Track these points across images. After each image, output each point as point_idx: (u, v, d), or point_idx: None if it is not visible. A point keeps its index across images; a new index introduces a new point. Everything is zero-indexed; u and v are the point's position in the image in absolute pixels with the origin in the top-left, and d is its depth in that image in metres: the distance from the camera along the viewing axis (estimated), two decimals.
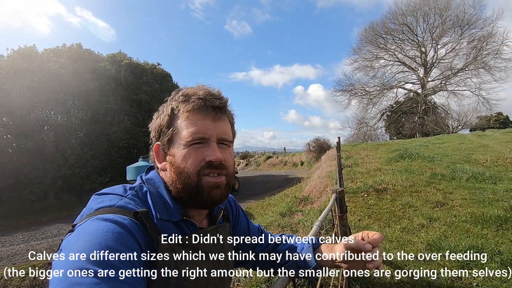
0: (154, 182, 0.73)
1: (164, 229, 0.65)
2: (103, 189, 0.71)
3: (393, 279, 2.90)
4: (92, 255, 0.47)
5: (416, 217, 4.41)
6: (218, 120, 0.72)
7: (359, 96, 35.22)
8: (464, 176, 6.09)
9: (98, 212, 0.59)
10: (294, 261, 0.90)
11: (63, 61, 15.24)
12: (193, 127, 0.68)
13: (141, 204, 0.66)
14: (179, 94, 0.73)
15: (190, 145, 0.68)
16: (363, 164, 9.12)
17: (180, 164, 0.68)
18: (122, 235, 0.53)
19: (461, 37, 29.04)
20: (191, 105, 0.69)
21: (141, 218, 0.60)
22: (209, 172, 0.68)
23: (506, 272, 2.63)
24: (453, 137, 14.47)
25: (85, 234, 0.52)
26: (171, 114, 0.72)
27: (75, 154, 14.63)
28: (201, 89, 0.73)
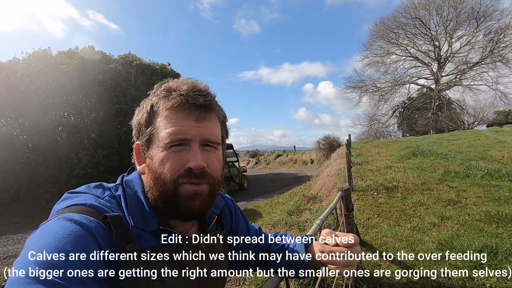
0: (133, 184, 0.66)
1: (139, 237, 0.58)
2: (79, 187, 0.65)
3: (402, 279, 2.81)
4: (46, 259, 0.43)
5: (428, 216, 4.28)
6: (203, 120, 0.63)
7: (370, 93, 34.62)
8: (479, 174, 5.88)
9: (69, 210, 0.54)
10: (287, 260, 0.85)
11: (76, 63, 15.61)
12: (172, 127, 0.60)
13: (117, 207, 0.60)
14: (161, 89, 0.65)
15: (169, 148, 0.60)
16: (373, 161, 8.95)
17: (157, 168, 0.60)
18: (84, 239, 0.48)
19: (476, 30, 28.03)
20: (171, 102, 0.61)
21: (109, 223, 0.53)
22: (187, 182, 0.60)
23: None
24: (469, 133, 14.02)
25: (46, 234, 0.48)
26: (150, 111, 0.64)
27: (88, 154, 14.97)
28: (184, 84, 0.64)
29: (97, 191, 0.63)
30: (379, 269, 3.07)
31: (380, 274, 2.94)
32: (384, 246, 3.55)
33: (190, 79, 0.67)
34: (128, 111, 17.15)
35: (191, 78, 0.68)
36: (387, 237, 3.84)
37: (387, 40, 32.76)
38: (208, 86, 0.67)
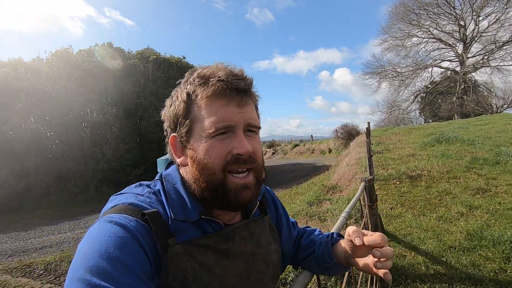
0: (172, 178, 0.66)
1: (180, 230, 0.58)
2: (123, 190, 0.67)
3: (428, 270, 2.76)
4: (92, 264, 0.45)
5: (454, 205, 4.14)
6: (244, 105, 0.61)
7: (389, 78, 33.38)
8: (510, 160, 5.58)
9: (111, 211, 0.56)
10: (313, 257, 0.84)
11: (96, 61, 16.08)
12: (215, 115, 0.58)
13: (156, 202, 0.60)
14: (194, 76, 0.62)
15: (213, 137, 0.59)
16: (395, 149, 8.70)
17: (203, 159, 0.59)
18: (125, 240, 0.49)
19: (507, 6, 26.06)
20: (211, 89, 0.59)
21: (147, 220, 0.53)
22: (236, 168, 0.59)
23: None
24: (497, 118, 13.28)
25: (89, 238, 0.50)
26: (187, 100, 0.61)
27: (111, 149, 15.54)
28: (220, 69, 0.61)
29: (137, 190, 0.64)
30: (404, 260, 3.03)
31: (406, 265, 2.90)
32: (408, 237, 3.48)
33: (223, 64, 0.65)
34: (147, 106, 17.57)
35: (223, 63, 0.65)
36: (412, 227, 3.76)
37: (408, 22, 31.22)
38: (243, 69, 0.65)
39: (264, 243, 0.71)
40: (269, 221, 0.78)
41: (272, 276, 0.73)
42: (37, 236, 7.76)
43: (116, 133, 16.03)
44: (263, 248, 0.70)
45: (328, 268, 0.81)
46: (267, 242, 0.73)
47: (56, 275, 4.92)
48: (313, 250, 0.85)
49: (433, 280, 2.61)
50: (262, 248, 0.70)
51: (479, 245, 3.02)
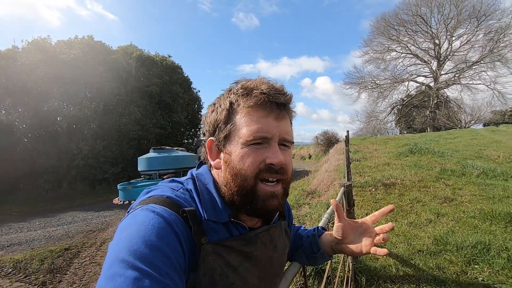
0: (204, 178, 0.69)
1: (210, 230, 0.61)
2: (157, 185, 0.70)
3: (398, 272, 2.96)
4: (136, 248, 0.47)
5: (424, 212, 4.42)
6: (282, 119, 0.65)
7: (369, 89, 34.70)
8: (475, 172, 6.03)
9: (150, 200, 0.59)
10: (301, 249, 0.93)
11: (75, 53, 15.50)
12: (254, 125, 0.62)
13: (190, 200, 0.63)
14: (238, 86, 0.67)
15: (249, 145, 0.62)
16: (371, 158, 9.08)
17: (237, 164, 0.62)
18: (167, 232, 0.52)
19: (477, 29, 28.02)
20: (254, 100, 0.62)
21: (187, 217, 0.57)
22: (267, 177, 0.63)
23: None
24: (465, 132, 14.20)
25: (133, 223, 0.53)
26: (230, 108, 0.65)
27: (88, 145, 15.00)
28: (263, 83, 0.66)
29: (171, 185, 0.67)
30: (377, 262, 3.22)
31: (378, 266, 3.09)
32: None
33: (265, 79, 0.69)
34: (129, 102, 17.13)
35: (265, 78, 0.70)
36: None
37: (388, 36, 32.71)
38: (284, 86, 0.69)
39: (280, 247, 0.77)
40: (285, 226, 0.83)
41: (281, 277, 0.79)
42: (4, 233, 7.37)
43: (94, 129, 15.50)
44: (279, 252, 0.76)
45: (315, 258, 0.91)
46: (282, 246, 0.79)
47: (27, 273, 4.73)
48: (301, 243, 0.94)
49: (402, 281, 2.79)
50: (278, 252, 0.75)
51: (444, 250, 3.26)
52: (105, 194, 13.61)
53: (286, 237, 0.83)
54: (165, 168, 9.60)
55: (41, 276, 4.64)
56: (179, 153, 10.41)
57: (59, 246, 5.80)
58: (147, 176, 9.91)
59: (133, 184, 9.07)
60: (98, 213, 9.33)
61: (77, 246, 5.89)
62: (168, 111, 20.18)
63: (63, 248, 5.70)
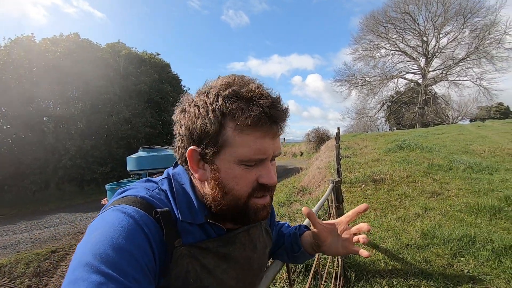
0: (181, 178, 0.65)
1: (186, 232, 0.59)
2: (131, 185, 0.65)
3: (387, 266, 2.99)
4: (102, 251, 0.45)
5: (412, 207, 4.48)
6: (277, 137, 0.62)
7: (359, 86, 35.05)
8: (461, 167, 6.15)
9: (122, 200, 0.56)
10: (283, 247, 0.92)
11: (61, 51, 15.14)
12: (251, 146, 0.57)
13: (166, 201, 0.60)
14: (230, 91, 0.57)
15: (243, 164, 0.58)
16: (361, 154, 9.17)
17: (229, 183, 0.59)
18: (136, 235, 0.49)
19: (463, 26, 28.63)
20: (253, 120, 0.55)
21: (159, 218, 0.54)
22: (261, 195, 0.61)
23: (496, 259, 2.72)
24: (453, 128, 14.49)
25: (102, 225, 0.50)
26: (222, 120, 0.56)
27: (75, 145, 14.70)
28: (262, 95, 0.57)
29: (147, 184, 0.64)
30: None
31: (367, 261, 3.11)
32: (371, 236, 3.73)
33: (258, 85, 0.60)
34: (117, 101, 16.85)
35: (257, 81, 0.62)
36: (374, 227, 4.02)
37: (377, 34, 33.06)
38: (280, 96, 0.62)
39: (260, 247, 0.75)
40: (265, 225, 0.82)
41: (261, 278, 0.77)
42: None
43: (81, 128, 15.19)
44: (259, 252, 0.74)
45: (296, 257, 0.89)
46: (262, 246, 0.77)
47: (11, 277, 4.60)
48: (283, 241, 0.93)
49: (391, 275, 2.82)
50: (257, 252, 0.73)
51: (432, 243, 3.31)
52: (94, 195, 13.37)
53: (267, 236, 0.81)
54: (154, 167, 9.47)
55: (27, 280, 4.53)
56: (169, 152, 10.28)
57: (46, 249, 5.66)
58: (136, 176, 9.76)
59: (122, 184, 8.92)
60: (87, 214, 9.17)
61: (65, 248, 5.76)
62: (157, 110, 19.94)
63: (50, 250, 5.57)
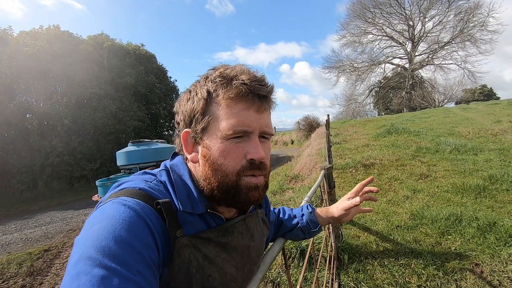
0: (179, 169, 0.66)
1: (187, 222, 0.59)
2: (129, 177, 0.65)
3: (378, 248, 3.08)
4: (104, 245, 0.44)
5: (401, 189, 4.60)
6: (263, 111, 0.62)
7: (347, 73, 35.10)
8: (448, 149, 6.31)
9: (121, 193, 0.55)
10: (298, 227, 0.99)
11: (41, 44, 14.56)
12: (234, 118, 0.59)
13: (164, 192, 0.60)
14: (216, 74, 0.62)
15: (229, 139, 0.59)
16: (351, 140, 9.29)
17: (217, 159, 0.60)
18: (138, 226, 0.49)
19: (448, 10, 28.81)
20: (234, 91, 0.58)
21: (161, 210, 0.54)
22: (250, 174, 0.61)
23: (481, 236, 2.83)
24: (439, 111, 14.78)
25: (103, 218, 0.49)
26: (208, 98, 0.61)
27: (62, 142, 14.36)
28: (244, 72, 0.61)
29: (144, 176, 0.64)
30: (358, 239, 3.33)
31: (359, 244, 3.20)
32: (362, 219, 3.82)
33: (245, 66, 0.64)
34: (103, 96, 16.44)
35: (244, 65, 0.65)
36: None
37: (364, 19, 32.95)
38: (265, 75, 0.65)
39: (257, 236, 0.76)
40: (262, 214, 0.83)
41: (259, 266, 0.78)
42: None
43: (67, 124, 14.80)
44: (257, 241, 0.75)
45: (313, 232, 1.00)
46: (260, 235, 0.78)
47: (4, 278, 4.54)
48: (296, 222, 1.00)
49: (382, 256, 2.92)
50: (255, 241, 0.75)
51: (420, 223, 3.43)
52: (85, 192, 13.19)
53: (264, 225, 0.83)
54: (145, 161, 9.37)
55: (20, 280, 4.48)
56: (159, 145, 10.17)
57: (38, 248, 5.59)
58: (127, 171, 9.65)
59: (113, 180, 8.82)
60: (78, 211, 9.06)
61: (57, 246, 5.70)
62: (145, 102, 19.57)
63: (43, 249, 5.50)
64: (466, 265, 2.56)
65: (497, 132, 7.36)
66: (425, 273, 2.53)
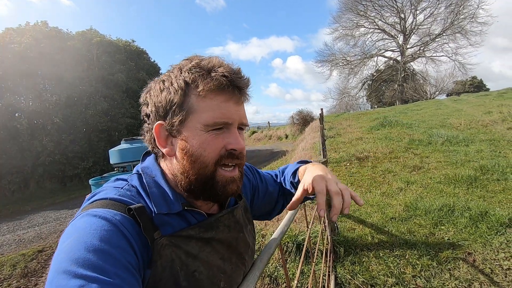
0: (151, 171, 0.65)
1: (164, 223, 0.58)
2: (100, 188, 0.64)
3: (373, 240, 3.11)
4: (78, 256, 0.43)
5: (395, 182, 4.65)
6: (241, 103, 0.64)
7: (340, 66, 35.15)
8: (440, 140, 6.40)
9: (91, 206, 0.55)
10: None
11: (28, 41, 14.19)
12: (216, 109, 0.59)
13: (137, 196, 0.60)
14: (193, 64, 0.60)
15: (209, 131, 0.59)
16: (345, 134, 9.34)
17: (196, 151, 0.59)
18: (111, 234, 0.48)
19: (439, 2, 28.98)
20: (215, 83, 0.58)
21: (134, 215, 0.53)
22: (228, 162, 0.62)
23: (473, 225, 2.88)
24: (431, 103, 14.94)
25: (74, 231, 0.49)
26: (186, 89, 0.59)
27: (53, 141, 14.12)
28: (222, 65, 0.61)
29: (115, 184, 0.63)
30: (354, 232, 3.37)
31: (355, 236, 3.23)
32: (357, 212, 3.86)
33: (220, 59, 0.63)
34: (93, 93, 16.18)
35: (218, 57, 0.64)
36: None
37: (356, 12, 32.91)
38: (240, 68, 0.65)
39: (243, 225, 0.76)
40: (244, 203, 0.82)
41: (250, 254, 0.79)
42: None
43: (58, 123, 14.53)
44: (243, 230, 0.75)
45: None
46: (245, 224, 0.78)
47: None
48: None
49: (378, 248, 2.95)
50: (243, 231, 0.75)
51: (414, 215, 3.47)
52: (78, 191, 13.03)
53: (247, 214, 0.82)
54: (138, 159, 9.07)
55: (15, 282, 4.42)
56: None
57: (32, 249, 5.51)
58: (120, 169, 9.56)
59: (106, 178, 8.73)
60: (72, 210, 8.95)
61: (52, 246, 5.63)
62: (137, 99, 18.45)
63: (36, 250, 5.43)
64: (459, 254, 2.61)
65: (487, 123, 7.48)
66: (419, 264, 2.57)
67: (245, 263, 0.75)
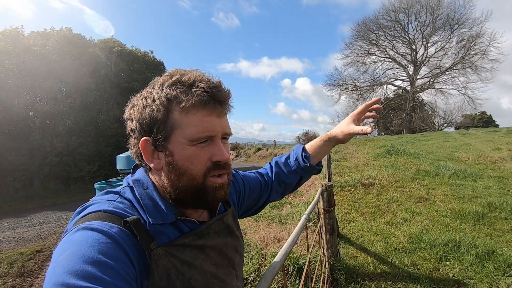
0: (143, 183, 0.66)
1: (159, 233, 0.60)
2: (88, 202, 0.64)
3: (376, 270, 3.06)
4: (76, 269, 0.43)
5: (400, 211, 4.60)
6: (223, 116, 0.66)
7: (349, 91, 35.59)
8: (447, 173, 6.34)
9: (85, 219, 0.54)
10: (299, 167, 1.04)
11: (51, 45, 14.76)
12: (199, 125, 0.61)
13: (130, 208, 0.61)
14: (173, 80, 0.62)
15: (194, 145, 0.61)
16: (351, 159, 9.32)
17: (183, 165, 0.61)
18: (109, 246, 0.49)
19: (450, 36, 29.57)
20: (197, 98, 0.60)
21: (130, 227, 0.54)
22: (216, 173, 0.64)
23: (480, 264, 2.82)
24: (438, 135, 14.89)
25: (70, 245, 0.48)
26: (168, 105, 0.61)
27: (62, 142, 14.36)
28: (202, 79, 0.63)
29: (107, 196, 0.64)
30: (356, 260, 3.31)
31: (357, 265, 3.18)
32: (360, 239, 3.81)
33: (200, 72, 0.66)
34: (108, 99, 16.56)
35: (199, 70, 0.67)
36: (363, 230, 4.11)
37: (368, 40, 33.69)
38: (220, 80, 0.67)
39: (232, 231, 0.79)
40: (232, 210, 0.84)
41: (239, 258, 0.80)
42: None
43: (69, 125, 14.83)
44: (232, 236, 0.78)
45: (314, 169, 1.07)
46: (233, 230, 0.80)
47: None
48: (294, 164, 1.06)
49: (380, 279, 2.90)
50: (231, 237, 0.77)
51: (419, 247, 3.41)
52: (81, 193, 13.06)
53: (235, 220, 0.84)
54: None
55: (10, 280, 4.39)
56: None
57: (30, 248, 5.50)
58: (126, 175, 9.62)
59: (111, 183, 8.77)
60: (73, 213, 8.92)
61: (50, 248, 5.61)
62: None
63: (35, 250, 5.42)
64: None
65: (496, 159, 7.41)
66: None
67: (235, 266, 0.77)
